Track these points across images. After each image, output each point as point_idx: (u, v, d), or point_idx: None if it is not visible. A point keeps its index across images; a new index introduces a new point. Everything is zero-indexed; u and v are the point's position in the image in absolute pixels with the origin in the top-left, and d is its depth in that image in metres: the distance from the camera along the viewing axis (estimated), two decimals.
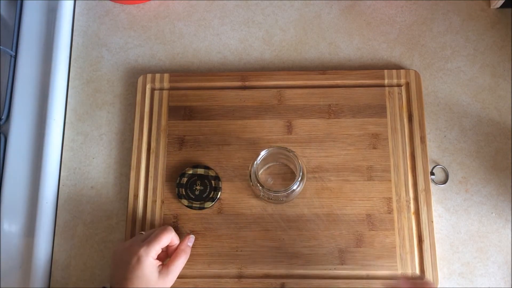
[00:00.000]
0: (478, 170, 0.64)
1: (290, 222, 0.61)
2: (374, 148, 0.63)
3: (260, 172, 0.62)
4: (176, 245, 0.58)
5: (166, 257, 0.58)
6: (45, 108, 0.66)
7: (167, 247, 0.58)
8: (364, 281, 0.59)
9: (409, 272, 0.59)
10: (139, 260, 0.52)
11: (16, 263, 0.62)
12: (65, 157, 0.67)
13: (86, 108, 0.68)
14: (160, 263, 0.55)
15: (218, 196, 0.61)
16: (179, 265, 0.56)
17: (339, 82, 0.66)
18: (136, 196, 0.63)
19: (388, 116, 0.64)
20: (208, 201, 0.61)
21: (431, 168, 0.63)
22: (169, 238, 0.56)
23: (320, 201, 0.61)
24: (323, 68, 0.68)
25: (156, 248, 0.54)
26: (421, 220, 0.60)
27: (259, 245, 0.60)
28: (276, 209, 0.62)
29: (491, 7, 0.69)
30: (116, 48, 0.71)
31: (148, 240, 0.54)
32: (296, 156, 0.56)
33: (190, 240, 0.59)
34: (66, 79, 0.69)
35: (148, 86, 0.66)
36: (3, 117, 0.67)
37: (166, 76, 0.67)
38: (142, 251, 0.53)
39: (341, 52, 0.69)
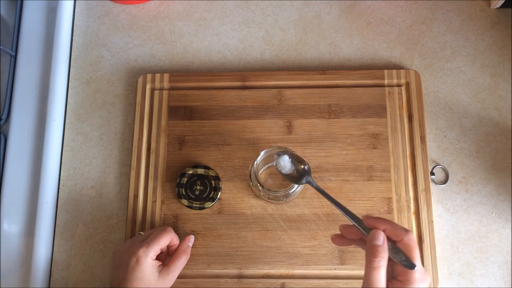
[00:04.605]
0: (478, 170, 0.64)
1: (290, 222, 0.61)
2: (374, 148, 0.63)
3: (260, 172, 0.62)
4: (177, 245, 0.58)
5: (167, 257, 0.58)
6: (45, 108, 0.66)
7: (168, 247, 0.58)
8: None
9: None
10: (138, 261, 0.52)
11: (16, 263, 0.62)
12: (65, 157, 0.67)
13: (86, 108, 0.68)
14: (160, 263, 0.55)
15: (218, 196, 0.62)
16: (179, 265, 0.56)
17: (339, 82, 0.66)
18: (136, 196, 0.63)
19: (388, 116, 0.64)
20: (208, 201, 0.61)
21: (431, 168, 0.63)
22: (168, 238, 0.56)
23: (320, 201, 0.61)
24: (323, 68, 0.68)
25: (155, 249, 0.54)
26: (421, 220, 0.60)
27: (259, 245, 0.60)
28: (276, 209, 0.62)
29: (491, 7, 0.69)
30: (116, 48, 0.71)
31: (147, 240, 0.54)
32: None
33: (190, 240, 0.59)
34: (66, 79, 0.69)
35: (148, 86, 0.66)
36: (3, 117, 0.67)
37: (166, 76, 0.67)
38: (141, 251, 0.53)
39: (341, 52, 0.69)
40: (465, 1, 0.70)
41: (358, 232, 0.48)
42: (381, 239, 0.45)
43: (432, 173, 0.63)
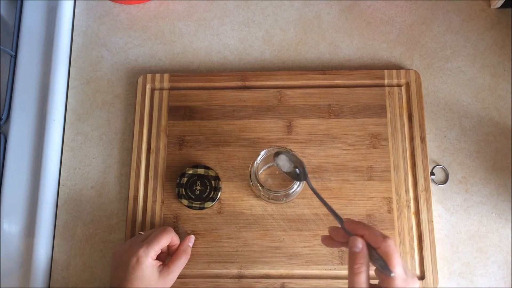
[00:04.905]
0: (478, 170, 0.64)
1: (290, 222, 0.61)
2: (374, 148, 0.63)
3: (260, 172, 0.62)
4: (177, 245, 0.58)
5: (167, 257, 0.58)
6: (45, 108, 0.66)
7: (168, 247, 0.58)
8: None
9: None
10: (138, 261, 0.52)
11: (16, 263, 0.62)
12: (65, 157, 0.67)
13: (86, 108, 0.68)
14: (160, 263, 0.55)
15: (218, 196, 0.62)
16: (179, 265, 0.56)
17: (339, 82, 0.66)
18: (136, 196, 0.63)
19: (388, 116, 0.64)
20: (208, 201, 0.61)
21: (431, 168, 0.63)
22: (169, 238, 0.56)
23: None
24: (323, 68, 0.68)
25: (155, 249, 0.54)
26: (421, 220, 0.60)
27: (259, 245, 0.60)
28: (276, 209, 0.62)
29: (491, 7, 0.69)
30: (116, 48, 0.71)
31: (148, 240, 0.54)
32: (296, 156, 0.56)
33: (191, 240, 0.59)
34: (66, 79, 0.69)
35: (148, 86, 0.66)
36: (3, 117, 0.67)
37: (166, 76, 0.67)
38: (142, 251, 0.53)
39: (341, 52, 0.69)
40: (465, 1, 0.70)
41: (345, 234, 0.47)
42: (359, 246, 0.44)
43: (432, 173, 0.63)
